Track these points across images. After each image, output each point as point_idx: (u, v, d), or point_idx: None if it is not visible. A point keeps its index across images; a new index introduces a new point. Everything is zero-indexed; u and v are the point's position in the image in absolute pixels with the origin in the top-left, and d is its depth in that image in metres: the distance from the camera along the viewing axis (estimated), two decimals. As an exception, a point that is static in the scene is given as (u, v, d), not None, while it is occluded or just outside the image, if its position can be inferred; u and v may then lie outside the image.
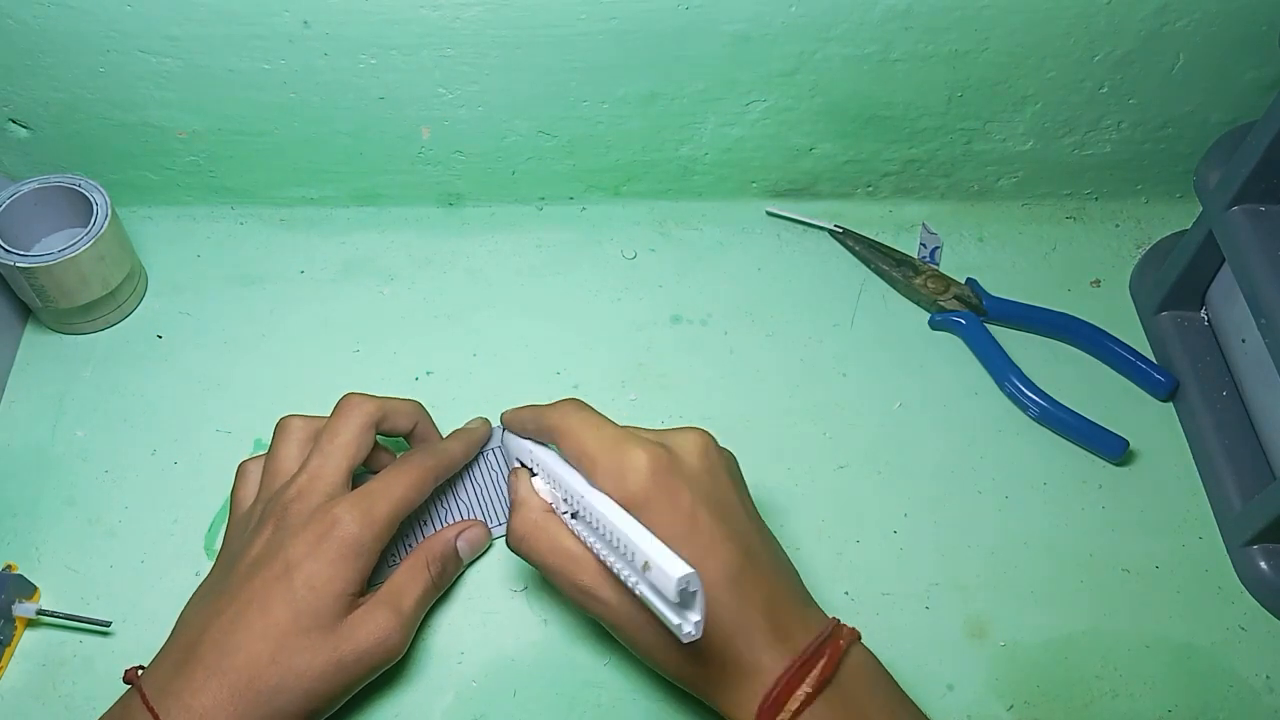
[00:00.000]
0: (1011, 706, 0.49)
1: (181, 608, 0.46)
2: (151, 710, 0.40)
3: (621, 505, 0.42)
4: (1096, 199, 0.69)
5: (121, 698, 0.43)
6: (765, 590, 0.42)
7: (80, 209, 0.57)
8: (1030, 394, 0.58)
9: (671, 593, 0.37)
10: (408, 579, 0.47)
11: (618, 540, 0.40)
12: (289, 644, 0.42)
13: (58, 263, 0.54)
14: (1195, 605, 0.52)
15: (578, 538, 0.44)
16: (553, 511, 0.45)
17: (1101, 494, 0.56)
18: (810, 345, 0.61)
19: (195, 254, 0.64)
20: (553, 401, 0.48)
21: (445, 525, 0.51)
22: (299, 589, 0.43)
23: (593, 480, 0.44)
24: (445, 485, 0.52)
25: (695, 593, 0.37)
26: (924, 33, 0.59)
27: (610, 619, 0.43)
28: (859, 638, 0.43)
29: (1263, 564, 0.52)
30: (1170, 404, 0.60)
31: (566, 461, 0.46)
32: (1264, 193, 0.53)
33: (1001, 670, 0.50)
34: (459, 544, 0.50)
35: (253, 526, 0.46)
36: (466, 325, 0.61)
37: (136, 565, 0.51)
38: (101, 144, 0.62)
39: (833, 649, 0.41)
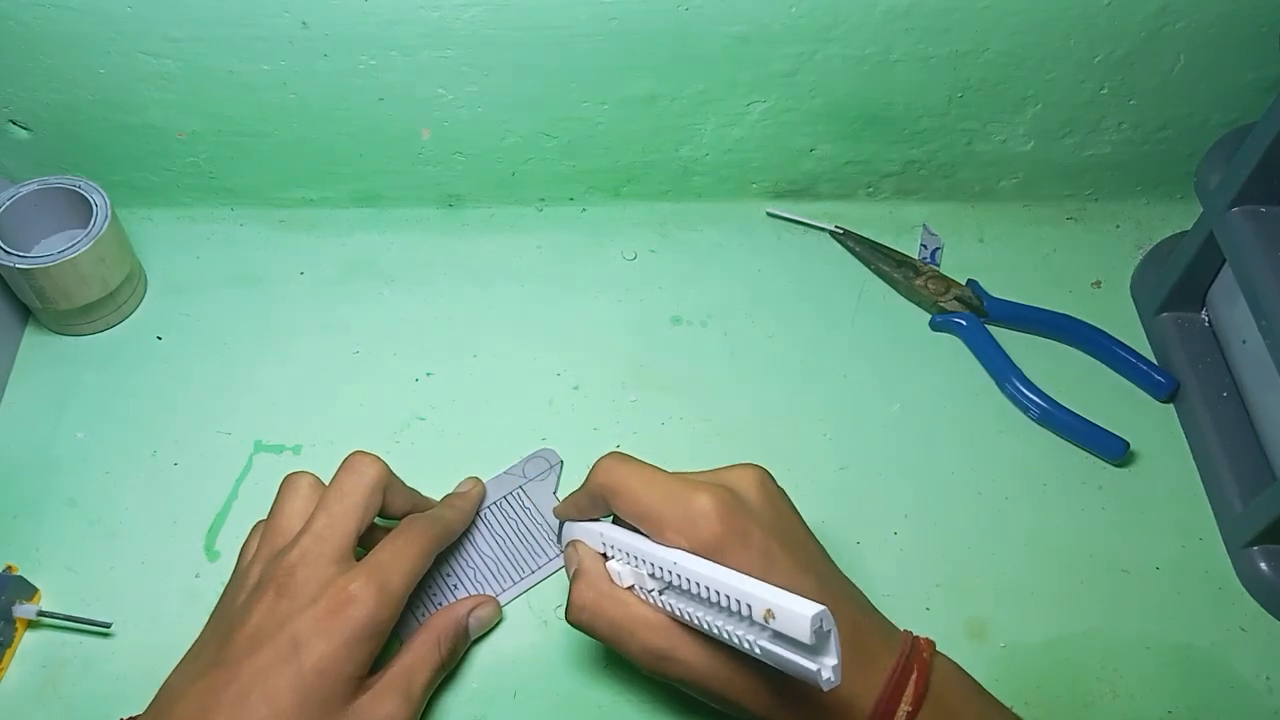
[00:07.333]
0: (1011, 707, 0.49)
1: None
2: None
3: (698, 555, 0.40)
4: (1097, 200, 0.69)
5: None
6: (845, 616, 0.41)
7: (80, 210, 0.57)
8: (1031, 395, 0.58)
9: (806, 635, 0.34)
10: (418, 660, 0.45)
11: (726, 597, 0.37)
12: None
13: (57, 264, 0.54)
14: (1195, 606, 0.52)
15: (659, 608, 0.42)
16: (615, 583, 0.43)
17: (1102, 495, 0.56)
18: (811, 346, 0.61)
19: (195, 255, 0.64)
20: (594, 463, 0.45)
21: (454, 597, 0.50)
22: (308, 673, 0.40)
23: (661, 537, 0.41)
24: (447, 551, 0.51)
25: (830, 632, 0.35)
26: (924, 34, 0.59)
27: (693, 679, 0.41)
28: (935, 646, 0.42)
29: (1263, 565, 0.52)
30: (1170, 405, 0.60)
31: (627, 526, 0.44)
32: (1264, 194, 0.53)
33: (1002, 671, 0.50)
34: (470, 621, 0.48)
35: (250, 589, 0.43)
36: (466, 326, 0.61)
37: (137, 566, 0.51)
38: (101, 145, 0.62)
39: (919, 663, 0.40)
